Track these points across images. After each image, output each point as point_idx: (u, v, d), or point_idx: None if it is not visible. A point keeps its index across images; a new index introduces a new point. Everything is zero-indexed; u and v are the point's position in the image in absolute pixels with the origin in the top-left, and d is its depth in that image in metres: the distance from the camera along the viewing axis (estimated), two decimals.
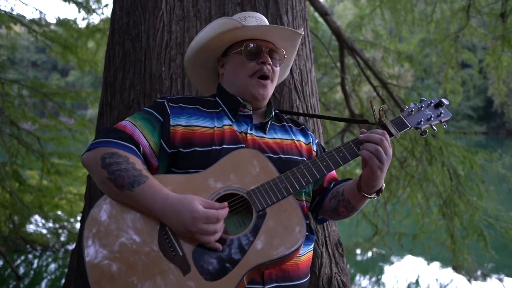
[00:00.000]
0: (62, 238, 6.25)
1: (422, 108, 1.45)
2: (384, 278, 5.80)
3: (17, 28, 5.95)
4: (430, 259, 6.27)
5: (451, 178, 4.70)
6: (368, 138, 1.31)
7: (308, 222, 1.45)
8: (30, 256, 5.92)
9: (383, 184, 1.36)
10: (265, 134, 1.47)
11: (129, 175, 1.21)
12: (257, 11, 2.11)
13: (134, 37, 2.06)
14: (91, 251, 1.18)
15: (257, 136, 1.44)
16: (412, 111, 1.44)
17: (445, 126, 1.49)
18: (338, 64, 5.43)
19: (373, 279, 5.82)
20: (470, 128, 34.58)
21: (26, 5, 5.59)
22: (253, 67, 1.43)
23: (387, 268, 6.19)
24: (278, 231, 1.21)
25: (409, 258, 6.47)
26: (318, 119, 2.25)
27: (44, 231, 6.43)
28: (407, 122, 1.42)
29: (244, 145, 1.37)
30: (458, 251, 4.80)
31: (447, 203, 4.69)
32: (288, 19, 2.17)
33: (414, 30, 7.09)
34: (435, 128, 1.48)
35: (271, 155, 1.39)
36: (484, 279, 5.45)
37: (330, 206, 1.50)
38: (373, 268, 6.18)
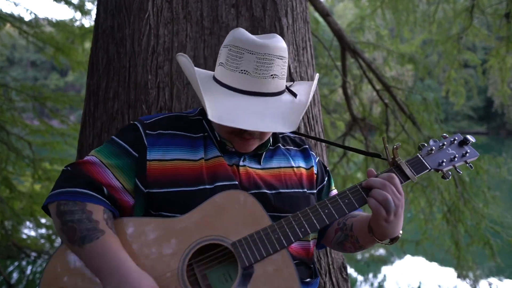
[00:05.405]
0: (56, 244, 6.11)
1: (444, 147, 1.26)
2: (386, 284, 5.70)
3: (11, 28, 5.77)
4: (431, 259, 6.16)
5: (456, 184, 4.55)
6: (369, 184, 1.12)
7: (312, 266, 1.26)
8: (23, 262, 5.78)
9: (399, 233, 1.16)
10: (260, 164, 1.25)
11: (81, 228, 1.03)
12: (253, 13, 1.94)
13: (119, 42, 1.88)
14: None
15: (250, 167, 1.22)
16: (432, 149, 1.24)
17: (471, 168, 1.28)
18: (340, 66, 5.27)
19: (375, 285, 5.72)
20: (471, 128, 34.59)
21: (16, 5, 5.44)
22: (232, 131, 1.17)
23: (388, 273, 6.08)
24: None
25: (410, 259, 6.35)
26: (320, 130, 2.08)
27: (38, 236, 6.28)
28: (426, 163, 1.22)
29: (236, 182, 1.17)
30: (462, 258, 4.67)
31: (452, 210, 4.54)
32: (288, 21, 2.00)
33: (415, 31, 6.93)
34: (459, 170, 1.28)
35: (266, 191, 1.19)
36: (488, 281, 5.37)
37: (335, 239, 1.32)
38: (375, 274, 6.07)
